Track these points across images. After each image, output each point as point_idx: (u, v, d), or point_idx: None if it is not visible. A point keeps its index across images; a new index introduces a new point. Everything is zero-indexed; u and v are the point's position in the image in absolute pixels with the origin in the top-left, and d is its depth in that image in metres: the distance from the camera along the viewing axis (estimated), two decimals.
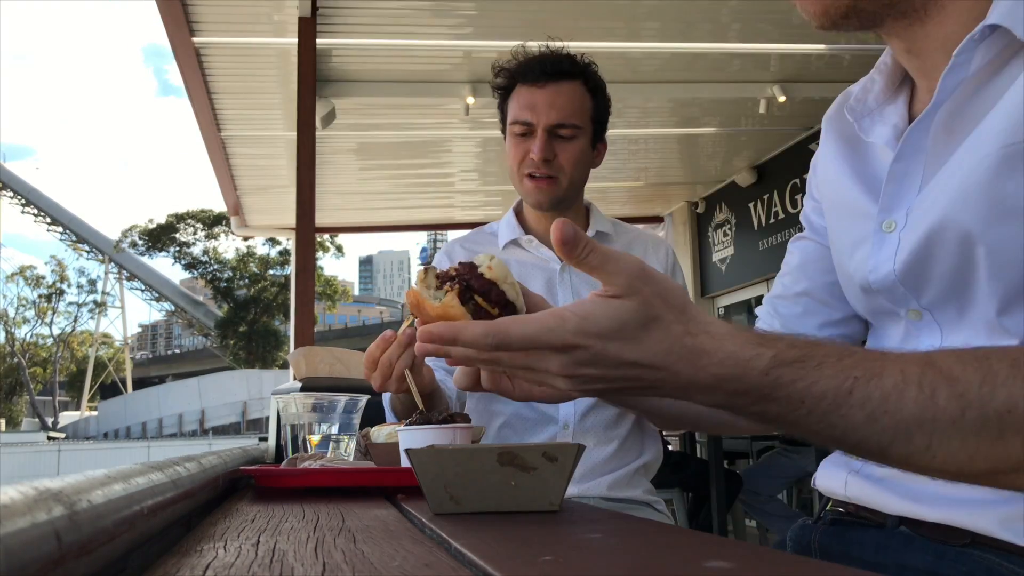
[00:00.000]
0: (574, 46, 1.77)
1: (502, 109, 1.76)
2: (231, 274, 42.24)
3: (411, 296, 0.81)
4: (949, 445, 0.62)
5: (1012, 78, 0.77)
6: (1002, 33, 0.77)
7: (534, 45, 1.72)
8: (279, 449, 1.58)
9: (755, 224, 6.88)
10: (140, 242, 42.74)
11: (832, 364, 0.64)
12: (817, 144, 1.08)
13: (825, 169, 1.03)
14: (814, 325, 1.06)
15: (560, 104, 1.67)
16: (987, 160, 0.76)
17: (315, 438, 1.22)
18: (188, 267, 42.58)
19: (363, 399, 1.29)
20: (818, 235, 1.08)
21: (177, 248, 42.16)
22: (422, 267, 0.84)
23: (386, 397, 1.54)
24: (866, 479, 0.93)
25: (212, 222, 41.31)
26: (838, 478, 0.96)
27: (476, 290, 0.77)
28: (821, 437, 0.66)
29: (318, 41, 4.28)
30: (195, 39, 4.48)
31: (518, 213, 1.83)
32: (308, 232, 4.18)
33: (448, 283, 0.78)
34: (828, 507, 1.03)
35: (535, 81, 1.68)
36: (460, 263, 0.80)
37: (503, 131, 1.78)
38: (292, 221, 4.35)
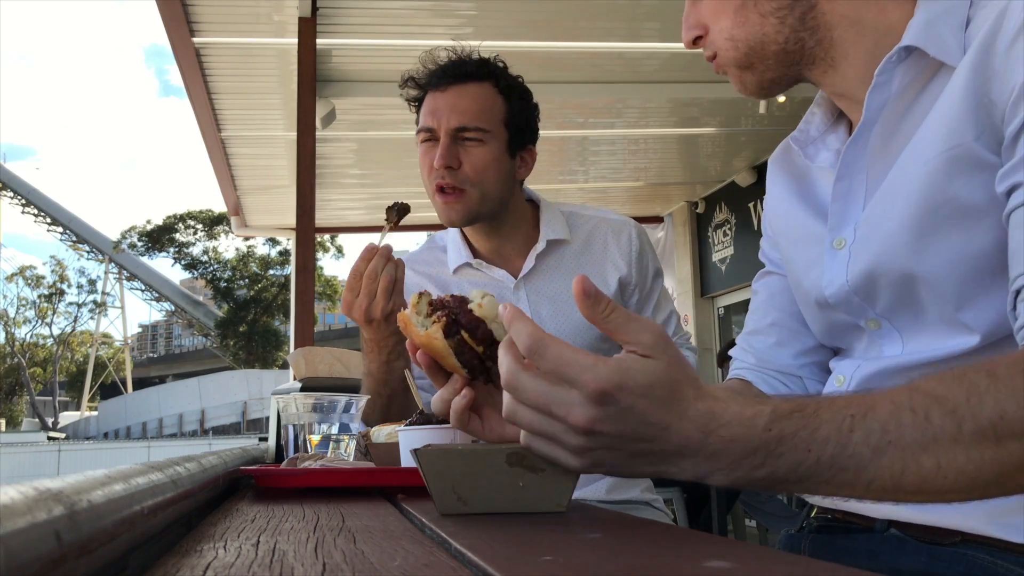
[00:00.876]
0: (574, 46, 1.75)
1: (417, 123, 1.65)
2: (231, 274, 42.25)
3: (402, 319, 0.82)
4: (956, 461, 0.64)
5: (936, 94, 0.82)
6: (918, 54, 0.83)
7: (443, 52, 1.62)
8: (279, 449, 1.58)
9: (755, 224, 6.88)
10: (140, 242, 42.75)
11: (827, 408, 0.65)
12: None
13: (775, 205, 1.09)
14: (789, 355, 1.07)
15: (463, 107, 1.55)
16: (930, 165, 0.80)
17: (315, 438, 1.22)
18: (188, 267, 42.58)
19: (363, 399, 1.29)
20: (778, 267, 1.11)
21: (177, 248, 42.17)
22: (418, 292, 0.84)
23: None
24: None
25: (212, 222, 41.32)
26: None
27: (463, 325, 0.78)
28: (833, 485, 0.66)
29: (318, 41, 4.29)
30: (195, 39, 4.48)
31: (462, 231, 1.72)
32: (308, 232, 4.18)
33: (437, 313, 0.80)
34: (813, 514, 1.03)
35: (437, 86, 1.58)
36: (452, 296, 0.81)
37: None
38: (292, 221, 4.35)
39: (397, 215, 1.49)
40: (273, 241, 38.02)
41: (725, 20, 0.91)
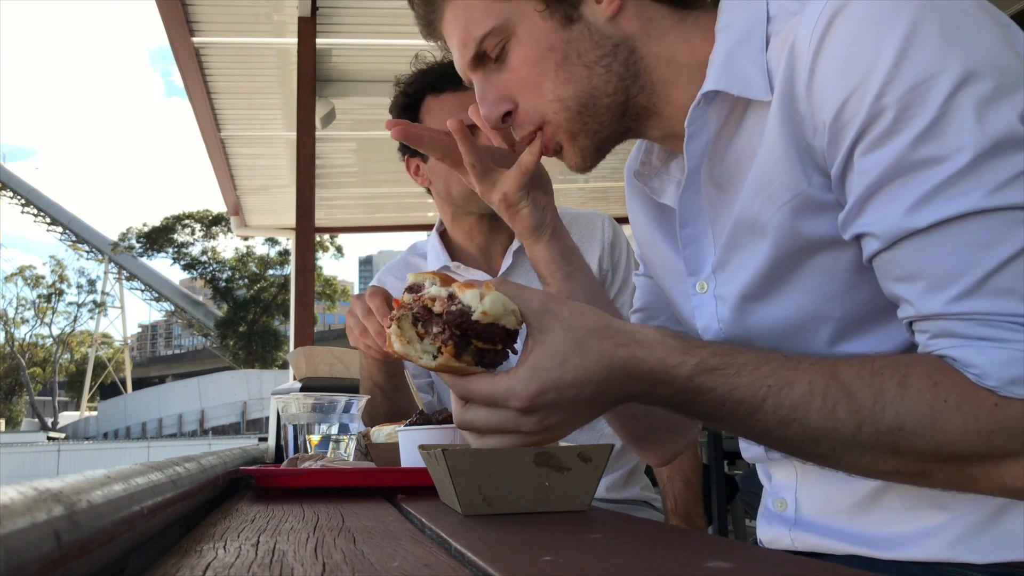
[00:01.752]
0: None
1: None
2: (231, 274, 42.24)
3: (399, 354, 0.73)
4: (851, 454, 0.70)
5: (751, 127, 0.82)
6: (723, 96, 0.82)
7: (428, 55, 1.59)
8: (279, 449, 1.58)
9: None
10: (139, 242, 42.74)
11: (749, 372, 0.71)
12: None
13: (639, 233, 1.07)
14: None
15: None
16: (776, 218, 0.80)
17: (315, 438, 1.22)
18: (187, 267, 42.58)
19: (363, 399, 1.29)
20: (649, 277, 1.10)
21: (176, 248, 42.16)
22: (391, 317, 0.73)
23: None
24: (808, 530, 0.92)
25: (211, 222, 41.32)
26: (783, 537, 0.95)
27: (475, 335, 0.71)
28: (743, 435, 0.76)
29: (318, 41, 4.28)
30: (195, 39, 4.48)
31: (442, 234, 1.73)
32: (308, 232, 4.18)
33: (434, 333, 0.71)
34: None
35: (456, 87, 1.54)
36: (448, 312, 0.71)
37: (411, 153, 1.65)
38: (292, 221, 4.35)
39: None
40: (273, 241, 38.03)
41: (546, 82, 0.85)
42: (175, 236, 42.02)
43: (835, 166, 0.74)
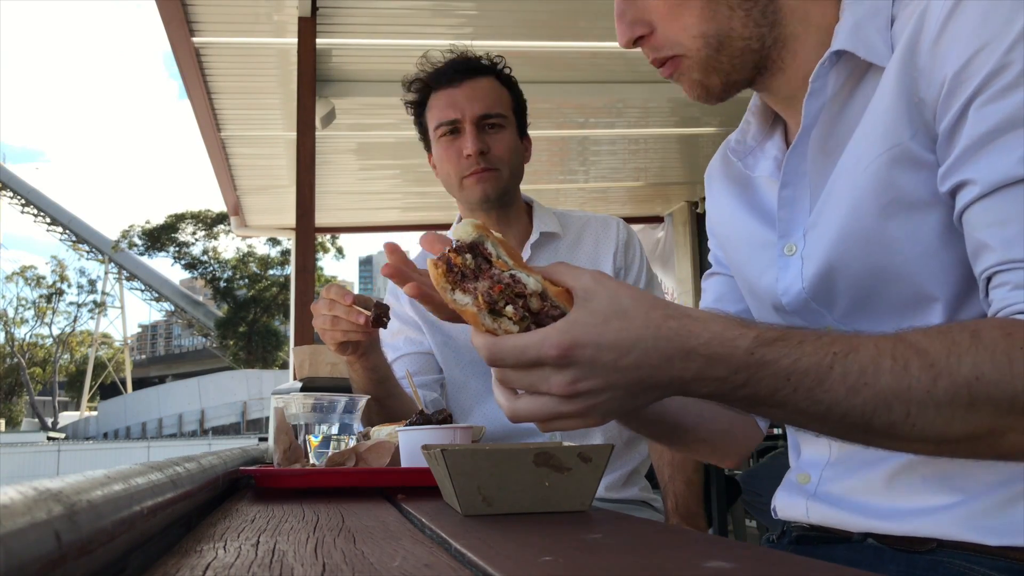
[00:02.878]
0: (574, 46, 1.79)
1: (421, 123, 1.74)
2: (231, 274, 42.23)
3: (470, 317, 0.69)
4: (926, 414, 0.66)
5: (867, 94, 0.83)
6: (848, 57, 0.84)
7: (437, 53, 1.71)
8: None
9: None
10: (140, 242, 42.73)
11: (812, 342, 0.67)
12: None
13: (719, 212, 1.08)
14: None
15: (481, 96, 1.65)
16: (872, 167, 0.81)
17: (315, 438, 1.22)
18: (188, 267, 42.57)
19: (363, 399, 1.29)
20: (725, 269, 1.12)
21: (177, 248, 42.15)
22: (481, 300, 0.68)
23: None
24: (826, 502, 0.93)
25: (212, 222, 41.30)
26: (798, 506, 0.97)
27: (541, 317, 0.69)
28: (807, 416, 0.69)
29: (318, 41, 4.28)
30: (195, 39, 4.48)
31: None
32: (308, 232, 4.18)
33: (516, 312, 0.68)
34: (790, 523, 1.03)
35: (450, 83, 1.67)
36: (493, 275, 0.69)
37: (427, 147, 1.75)
38: (292, 221, 4.35)
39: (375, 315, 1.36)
40: (273, 241, 38.02)
41: (689, 17, 0.86)
42: (176, 235, 42.02)
43: (947, 119, 0.75)
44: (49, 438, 32.53)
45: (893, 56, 0.80)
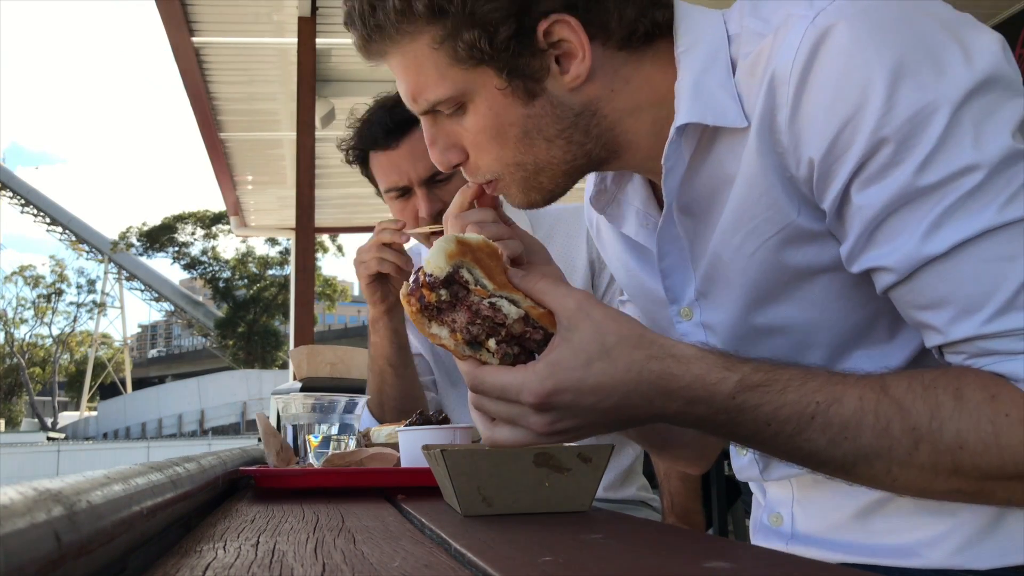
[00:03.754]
0: None
1: (368, 176, 1.64)
2: (230, 274, 42.22)
3: (459, 358, 0.70)
4: (908, 473, 0.66)
5: (725, 156, 0.79)
6: (693, 126, 0.79)
7: (363, 106, 1.61)
8: None
9: None
10: (139, 242, 42.73)
11: (795, 389, 0.67)
12: None
13: (609, 253, 1.04)
14: None
15: (422, 153, 1.44)
16: (762, 251, 0.78)
17: (315, 438, 1.22)
18: (187, 267, 42.57)
19: (363, 399, 1.29)
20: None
21: (176, 248, 42.15)
22: (458, 335, 0.69)
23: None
24: (805, 543, 0.91)
25: (211, 222, 41.30)
26: (778, 549, 0.94)
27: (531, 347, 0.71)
28: (789, 457, 0.70)
29: (318, 41, 4.28)
30: (194, 39, 4.48)
31: None
32: (308, 232, 4.18)
33: (501, 347, 0.69)
34: None
35: (385, 147, 1.55)
36: (482, 318, 0.69)
37: (378, 193, 1.66)
38: (292, 221, 4.35)
39: None
40: (273, 241, 38.01)
41: (504, 151, 0.81)
42: (176, 235, 42.01)
43: (829, 201, 0.72)
44: (49, 438, 32.52)
45: (752, 131, 0.75)
